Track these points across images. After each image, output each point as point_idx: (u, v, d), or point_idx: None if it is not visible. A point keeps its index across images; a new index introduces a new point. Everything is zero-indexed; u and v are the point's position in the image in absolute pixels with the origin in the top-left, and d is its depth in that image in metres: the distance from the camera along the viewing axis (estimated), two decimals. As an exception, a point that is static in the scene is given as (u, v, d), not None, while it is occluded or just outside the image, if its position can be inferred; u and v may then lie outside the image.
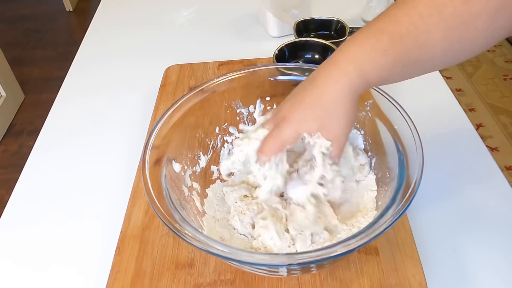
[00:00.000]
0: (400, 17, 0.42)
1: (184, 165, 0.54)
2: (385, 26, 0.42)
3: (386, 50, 0.42)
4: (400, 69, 0.44)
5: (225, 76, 0.58)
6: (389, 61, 0.42)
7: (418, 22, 0.41)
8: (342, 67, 0.43)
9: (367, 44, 0.43)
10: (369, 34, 0.43)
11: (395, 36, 0.42)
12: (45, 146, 0.75)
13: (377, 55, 0.42)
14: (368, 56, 0.42)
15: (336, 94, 0.43)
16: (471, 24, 0.40)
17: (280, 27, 0.94)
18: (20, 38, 2.70)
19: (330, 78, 0.44)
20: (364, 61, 0.43)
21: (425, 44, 0.42)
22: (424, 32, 0.41)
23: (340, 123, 0.45)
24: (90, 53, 0.98)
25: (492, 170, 0.64)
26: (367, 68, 0.43)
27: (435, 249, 0.55)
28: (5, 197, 0.68)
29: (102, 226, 0.62)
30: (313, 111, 0.44)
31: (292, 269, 0.46)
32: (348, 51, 0.44)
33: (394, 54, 0.42)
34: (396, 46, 0.42)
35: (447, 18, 0.40)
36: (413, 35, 0.41)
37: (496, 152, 1.76)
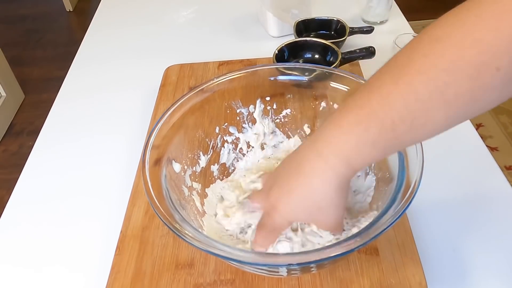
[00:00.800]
0: (393, 99, 0.36)
1: (184, 165, 0.54)
2: (376, 109, 0.37)
3: (374, 142, 0.37)
4: (392, 152, 0.42)
5: (225, 76, 0.58)
6: (378, 151, 0.39)
7: (414, 106, 0.35)
8: (328, 160, 0.40)
9: (353, 133, 0.38)
10: (356, 120, 0.38)
11: (385, 125, 0.36)
12: (45, 146, 0.76)
13: (365, 147, 0.38)
14: (355, 148, 0.39)
15: (324, 190, 0.42)
16: (481, 98, 0.34)
17: (280, 27, 0.94)
18: (20, 38, 2.70)
19: (317, 172, 0.41)
20: (350, 154, 0.39)
21: (421, 127, 0.36)
22: (421, 116, 0.35)
23: (333, 215, 0.44)
24: (90, 53, 0.98)
25: (492, 170, 0.64)
26: (355, 160, 0.39)
27: (435, 249, 0.55)
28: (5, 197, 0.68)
29: (102, 226, 0.62)
30: (303, 205, 0.43)
31: (292, 269, 0.46)
32: (332, 141, 0.40)
33: (384, 144, 0.38)
34: (386, 136, 0.37)
35: (451, 99, 0.34)
36: (408, 121, 0.35)
37: (496, 152, 1.76)
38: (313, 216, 0.44)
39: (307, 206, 0.43)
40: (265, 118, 0.61)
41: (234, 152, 0.62)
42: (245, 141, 0.62)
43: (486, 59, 0.32)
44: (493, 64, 0.32)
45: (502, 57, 0.32)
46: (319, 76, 0.58)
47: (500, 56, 0.32)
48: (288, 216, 0.45)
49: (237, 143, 0.62)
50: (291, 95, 0.61)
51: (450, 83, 0.33)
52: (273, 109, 0.61)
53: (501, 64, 0.32)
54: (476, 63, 0.33)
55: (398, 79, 0.36)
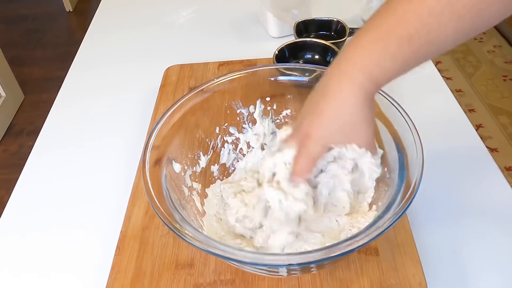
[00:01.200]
0: (409, 16, 0.40)
1: (184, 165, 0.54)
2: (393, 27, 0.40)
3: (394, 55, 0.41)
4: (409, 66, 0.43)
5: (225, 76, 0.58)
6: (398, 65, 0.42)
7: (428, 20, 0.39)
8: (354, 77, 0.42)
9: (374, 50, 0.42)
10: (376, 37, 0.42)
11: (403, 39, 0.40)
12: (45, 146, 0.75)
13: (386, 60, 0.41)
14: (377, 62, 0.42)
15: (353, 105, 0.43)
16: (486, 11, 0.38)
17: (280, 28, 0.94)
18: (20, 38, 2.70)
19: (344, 90, 0.43)
20: (373, 68, 0.42)
21: (435, 40, 0.40)
22: (434, 30, 0.39)
23: (365, 130, 0.45)
24: (90, 53, 0.98)
25: (492, 170, 0.64)
26: (377, 74, 0.42)
27: (435, 249, 0.55)
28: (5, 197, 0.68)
29: (102, 226, 0.62)
30: (336, 125, 0.44)
31: (292, 269, 0.46)
32: (355, 59, 0.43)
33: (403, 58, 0.41)
34: (405, 49, 0.41)
35: (460, 11, 0.38)
36: (423, 35, 0.40)
37: (496, 153, 1.76)
38: (347, 134, 0.45)
39: (339, 125, 0.44)
40: (265, 119, 0.61)
41: (234, 153, 0.62)
42: (245, 141, 0.62)
43: None
44: None
45: None
46: (319, 76, 0.58)
47: None
48: (323, 140, 0.45)
49: (237, 143, 0.62)
50: (291, 95, 0.61)
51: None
52: (273, 110, 0.61)
53: None
54: None
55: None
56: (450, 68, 2.22)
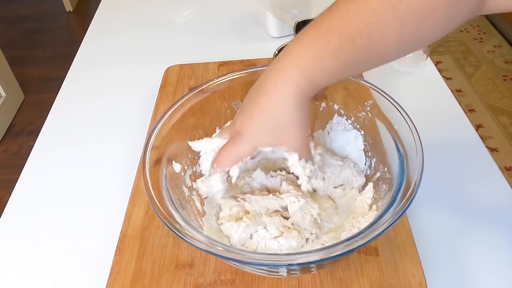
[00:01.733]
0: (352, 15, 0.39)
1: (184, 165, 0.54)
2: (335, 25, 0.39)
3: (334, 53, 0.39)
4: (350, 69, 0.42)
5: (225, 76, 0.58)
6: (339, 64, 0.40)
7: (371, 20, 0.38)
8: (288, 74, 0.40)
9: (314, 46, 0.40)
10: (317, 35, 0.40)
11: (345, 37, 0.39)
12: (45, 146, 0.76)
13: (325, 59, 0.39)
14: (315, 60, 0.40)
15: (285, 105, 0.41)
16: (429, 18, 0.38)
17: (280, 27, 0.94)
18: (20, 38, 2.70)
19: (277, 88, 0.41)
20: (311, 66, 0.40)
21: (377, 42, 0.39)
22: (377, 30, 0.38)
23: (297, 133, 0.43)
24: (90, 53, 0.98)
25: (492, 170, 0.64)
26: (315, 72, 0.40)
27: (435, 249, 0.55)
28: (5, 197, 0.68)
29: (102, 225, 0.62)
30: (266, 126, 0.43)
31: (292, 269, 0.46)
32: (293, 55, 0.41)
33: (344, 57, 0.39)
34: (346, 48, 0.39)
35: (403, 14, 0.37)
36: (365, 34, 0.38)
37: (496, 153, 1.76)
38: (276, 136, 0.43)
39: (269, 125, 0.42)
40: None
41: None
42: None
43: None
44: None
45: None
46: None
47: None
48: (252, 140, 0.44)
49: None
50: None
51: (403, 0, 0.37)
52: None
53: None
54: None
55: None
56: (450, 68, 2.22)
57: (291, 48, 0.42)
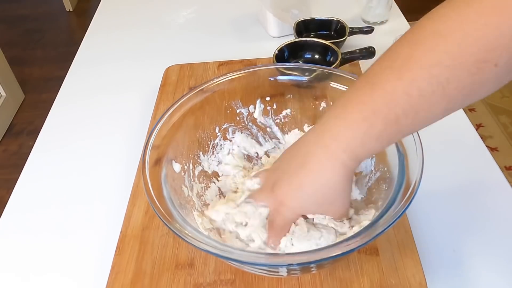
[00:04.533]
0: (398, 96, 0.37)
1: (184, 165, 0.54)
2: (379, 106, 0.38)
3: (379, 136, 0.39)
4: (393, 142, 0.44)
5: (225, 76, 0.58)
6: (383, 144, 0.41)
7: (417, 102, 0.36)
8: (335, 155, 0.41)
9: (360, 130, 0.40)
10: (362, 117, 0.39)
11: (390, 120, 0.38)
12: (45, 146, 0.76)
13: (371, 141, 0.40)
14: (361, 143, 0.40)
15: (334, 182, 0.43)
16: (479, 91, 0.36)
17: (280, 27, 0.94)
18: (20, 38, 2.70)
19: (325, 166, 0.42)
20: (357, 148, 0.41)
21: (423, 120, 0.38)
22: (423, 110, 0.37)
23: (342, 205, 0.46)
24: (90, 53, 0.98)
25: (492, 170, 0.64)
26: (360, 153, 0.41)
27: (435, 249, 0.55)
28: (5, 197, 0.68)
29: (102, 226, 0.62)
30: (314, 199, 0.45)
31: (292, 269, 0.46)
32: (339, 136, 0.41)
33: (389, 137, 0.40)
34: (390, 130, 0.39)
35: (451, 92, 0.36)
36: (411, 115, 0.37)
37: (496, 152, 1.76)
38: (323, 208, 0.46)
39: (317, 199, 0.44)
40: (265, 118, 0.61)
41: (234, 152, 0.61)
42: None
43: (486, 56, 0.34)
44: (492, 61, 0.34)
45: (501, 55, 0.34)
46: (319, 76, 0.58)
47: (500, 53, 0.34)
48: (298, 210, 0.46)
49: (237, 143, 0.61)
50: (291, 95, 0.61)
51: (452, 79, 0.35)
52: (273, 109, 0.61)
53: (499, 61, 0.34)
54: (476, 60, 0.34)
55: (401, 75, 0.37)
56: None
57: (335, 125, 0.42)
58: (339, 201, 0.45)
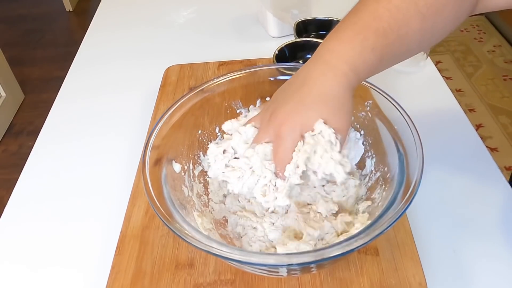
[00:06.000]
0: (381, 12, 0.44)
1: (184, 165, 0.54)
2: (369, 22, 0.44)
3: (373, 47, 0.44)
4: (385, 63, 0.46)
5: (225, 76, 0.58)
6: (377, 58, 0.44)
7: (397, 16, 0.43)
8: (338, 67, 0.44)
9: (356, 43, 0.44)
10: (355, 32, 0.44)
11: (379, 32, 0.43)
12: (45, 146, 0.76)
13: (367, 53, 0.44)
14: (359, 55, 0.44)
15: (337, 91, 0.44)
16: (442, 12, 0.44)
17: (280, 27, 0.94)
18: (20, 38, 2.70)
19: (328, 77, 0.44)
20: (356, 61, 0.44)
21: (405, 36, 0.44)
22: (403, 25, 0.44)
23: (344, 116, 0.46)
24: (90, 53, 0.98)
25: (492, 170, 0.64)
26: (359, 66, 0.44)
27: (435, 249, 0.55)
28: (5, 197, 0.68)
29: (102, 226, 0.62)
30: (317, 109, 0.45)
31: (292, 269, 0.46)
32: (338, 51, 0.45)
33: (381, 51, 0.44)
34: (382, 43, 0.44)
35: (422, 9, 0.43)
36: (395, 29, 0.44)
37: (496, 153, 1.76)
38: (326, 117, 0.45)
39: (321, 109, 0.45)
40: None
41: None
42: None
43: None
44: None
45: None
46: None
47: None
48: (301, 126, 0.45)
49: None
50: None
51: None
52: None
53: None
54: None
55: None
56: (450, 68, 2.22)
57: (331, 45, 0.46)
58: (341, 112, 0.45)
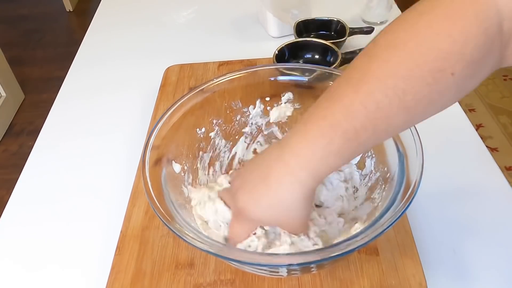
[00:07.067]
0: (356, 108, 0.36)
1: (184, 165, 0.54)
2: (338, 120, 0.37)
3: (339, 151, 0.38)
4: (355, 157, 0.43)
5: (225, 76, 0.58)
6: (343, 159, 0.40)
7: (375, 114, 0.36)
8: (295, 173, 0.40)
9: (319, 146, 0.38)
10: (320, 133, 0.38)
11: (349, 134, 0.37)
12: (45, 146, 0.76)
13: (331, 157, 0.39)
14: (320, 160, 0.39)
15: (291, 201, 0.42)
16: (438, 101, 0.36)
17: (280, 27, 0.94)
18: (20, 38, 2.70)
19: (284, 184, 0.41)
20: (316, 166, 0.40)
21: (383, 132, 0.38)
22: (382, 123, 0.37)
23: (298, 221, 0.45)
24: (90, 53, 0.98)
25: (492, 170, 0.64)
26: (320, 170, 0.40)
27: (435, 249, 0.55)
28: (5, 197, 0.68)
29: (102, 226, 0.62)
30: (270, 213, 0.43)
31: (292, 269, 0.46)
32: (299, 153, 0.40)
33: (349, 152, 0.39)
34: (350, 145, 0.38)
35: (409, 104, 0.35)
36: (370, 128, 0.37)
37: (496, 153, 1.76)
38: (279, 222, 0.45)
39: (274, 214, 0.44)
40: (265, 119, 0.61)
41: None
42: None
43: (441, 65, 0.34)
44: (448, 70, 0.34)
45: (456, 63, 0.34)
46: (319, 76, 0.58)
47: (455, 61, 0.34)
48: (256, 220, 0.46)
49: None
50: (291, 95, 0.61)
51: (408, 90, 0.35)
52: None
53: (455, 69, 0.34)
54: (432, 70, 0.34)
55: (358, 88, 0.37)
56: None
57: (295, 142, 0.41)
58: (295, 218, 0.44)
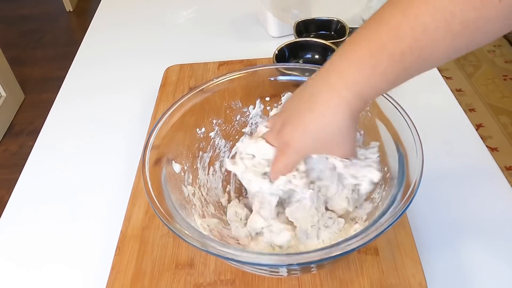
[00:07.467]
0: (402, 31, 0.37)
1: (184, 165, 0.54)
2: (385, 42, 0.38)
3: (385, 73, 0.39)
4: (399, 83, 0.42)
5: (225, 76, 0.58)
6: (389, 83, 0.40)
7: (422, 37, 0.36)
8: (342, 94, 0.41)
9: (365, 67, 0.39)
10: (367, 53, 0.39)
11: (395, 56, 0.38)
12: (45, 146, 0.76)
13: (376, 79, 0.40)
14: (367, 81, 0.40)
15: (340, 123, 0.43)
16: (484, 29, 0.35)
17: (280, 27, 0.94)
18: (20, 38, 2.70)
19: (331, 106, 0.42)
20: (363, 87, 0.41)
21: (428, 57, 0.38)
22: (428, 47, 0.37)
23: (346, 145, 0.45)
24: (90, 53, 0.98)
25: (492, 170, 0.64)
26: (366, 92, 0.41)
27: (435, 249, 0.55)
28: (5, 197, 0.68)
29: (102, 226, 0.62)
30: (319, 140, 0.44)
31: (292, 269, 0.46)
32: (345, 75, 0.41)
33: (394, 75, 0.39)
34: (396, 67, 0.39)
35: (456, 28, 0.35)
36: (416, 52, 0.37)
37: (496, 152, 1.76)
38: (328, 148, 0.46)
39: (322, 139, 0.44)
40: (265, 119, 0.61)
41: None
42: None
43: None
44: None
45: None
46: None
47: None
48: (303, 151, 0.46)
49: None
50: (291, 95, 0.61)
51: (456, 13, 0.35)
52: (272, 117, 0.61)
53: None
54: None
55: (406, 11, 0.37)
56: (450, 67, 2.22)
57: (341, 64, 0.42)
58: (344, 142, 0.45)
